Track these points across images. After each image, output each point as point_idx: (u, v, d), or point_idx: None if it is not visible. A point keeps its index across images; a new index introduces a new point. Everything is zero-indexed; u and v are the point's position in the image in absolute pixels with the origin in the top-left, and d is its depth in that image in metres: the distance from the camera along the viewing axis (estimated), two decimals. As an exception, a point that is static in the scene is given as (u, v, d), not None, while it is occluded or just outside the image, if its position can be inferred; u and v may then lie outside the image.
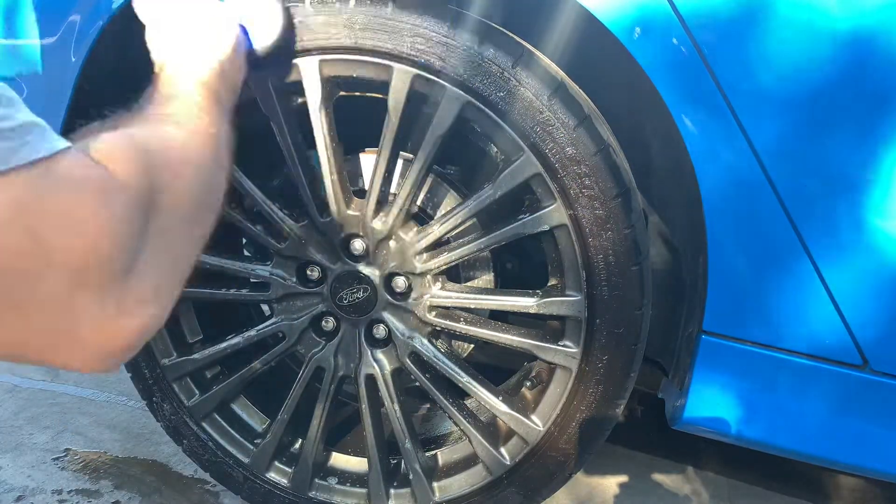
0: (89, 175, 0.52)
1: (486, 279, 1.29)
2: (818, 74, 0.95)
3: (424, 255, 1.16)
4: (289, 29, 1.05)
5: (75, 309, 0.49)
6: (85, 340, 0.51)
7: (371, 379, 1.25)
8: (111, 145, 0.58)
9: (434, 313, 1.19)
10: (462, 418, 1.23)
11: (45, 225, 0.47)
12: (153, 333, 0.58)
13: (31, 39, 1.18)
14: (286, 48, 1.06)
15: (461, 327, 1.19)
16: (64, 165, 0.50)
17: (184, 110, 0.77)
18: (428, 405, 1.49)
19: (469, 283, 1.28)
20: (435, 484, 1.28)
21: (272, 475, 1.34)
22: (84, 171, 0.52)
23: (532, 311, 1.15)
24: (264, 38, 1.00)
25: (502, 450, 1.23)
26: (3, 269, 0.46)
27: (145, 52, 0.89)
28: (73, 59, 1.14)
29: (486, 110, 1.05)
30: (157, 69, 0.86)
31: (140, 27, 0.92)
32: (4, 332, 0.49)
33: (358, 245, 1.17)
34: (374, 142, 1.14)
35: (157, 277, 0.57)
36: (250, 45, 0.99)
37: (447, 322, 1.19)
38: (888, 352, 1.05)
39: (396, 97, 1.07)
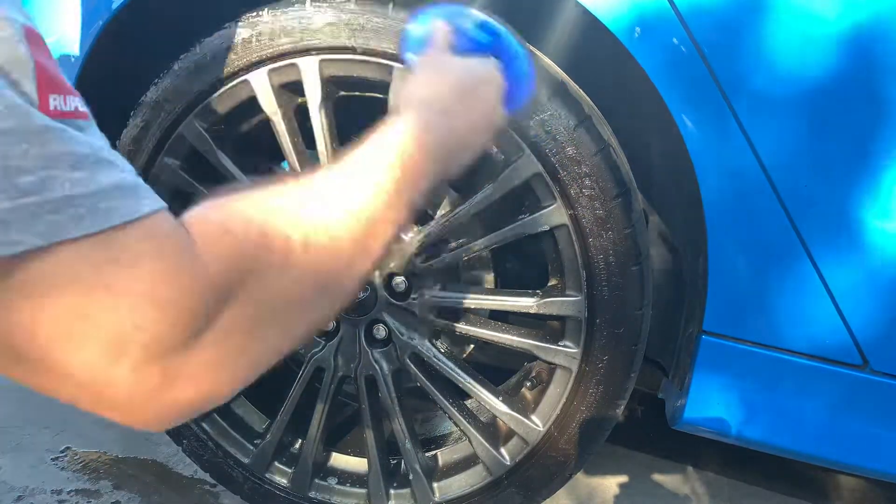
0: (161, 251, 0.45)
1: (486, 279, 1.29)
2: (819, 74, 0.94)
3: (424, 255, 1.16)
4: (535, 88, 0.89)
5: (108, 378, 0.45)
6: (119, 406, 0.47)
7: (371, 379, 1.25)
8: (214, 216, 0.50)
9: (434, 313, 1.19)
10: (462, 419, 1.23)
11: (87, 306, 0.43)
12: (207, 408, 0.52)
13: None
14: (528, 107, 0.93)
15: (461, 327, 1.19)
16: (127, 240, 0.44)
17: (351, 189, 0.60)
18: (428, 406, 1.49)
19: (469, 283, 1.28)
20: (435, 484, 1.28)
21: (272, 475, 1.33)
22: (155, 246, 0.45)
23: (532, 311, 1.14)
24: (515, 102, 0.80)
25: (502, 450, 1.23)
26: (45, 337, 0.43)
27: (145, 52, 0.89)
28: (72, 60, 1.14)
29: (486, 110, 1.05)
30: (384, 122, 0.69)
31: (139, 28, 0.91)
32: (43, 389, 0.46)
33: (358, 245, 1.17)
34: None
35: (220, 358, 0.49)
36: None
37: (447, 322, 1.19)
38: (888, 352, 1.05)
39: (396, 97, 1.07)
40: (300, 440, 1.35)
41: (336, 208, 0.57)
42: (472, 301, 1.18)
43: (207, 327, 0.48)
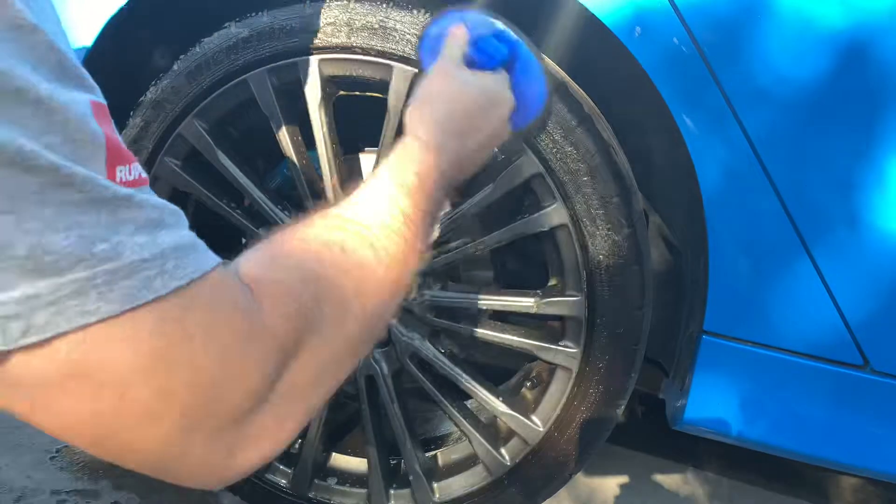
0: (231, 316, 0.46)
1: (486, 279, 1.28)
2: (819, 74, 0.94)
3: (424, 255, 1.16)
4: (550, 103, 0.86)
5: (182, 449, 0.45)
6: (188, 474, 0.48)
7: (371, 379, 1.25)
8: (274, 275, 0.51)
9: (434, 313, 1.19)
10: (462, 419, 1.23)
11: (168, 370, 0.42)
12: (271, 460, 0.53)
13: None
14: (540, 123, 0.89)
15: (461, 327, 1.19)
16: (202, 299, 0.44)
17: (385, 224, 0.60)
18: (428, 406, 1.48)
19: (469, 283, 1.28)
20: (435, 484, 1.28)
21: (272, 476, 1.33)
22: (224, 309, 0.45)
23: (532, 311, 1.14)
24: (525, 117, 0.80)
25: (502, 450, 1.22)
26: (115, 410, 0.42)
27: (144, 52, 0.88)
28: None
29: (487, 110, 1.05)
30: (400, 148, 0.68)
31: (139, 27, 0.91)
32: (106, 457, 0.46)
33: (358, 245, 1.17)
34: (373, 142, 1.14)
35: (284, 417, 0.50)
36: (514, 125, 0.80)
37: (447, 322, 1.19)
38: (888, 352, 1.05)
39: (397, 97, 1.07)
40: (300, 440, 1.35)
41: (376, 249, 0.58)
42: (472, 301, 1.18)
43: (272, 388, 0.48)
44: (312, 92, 1.09)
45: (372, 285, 0.57)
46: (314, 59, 1.08)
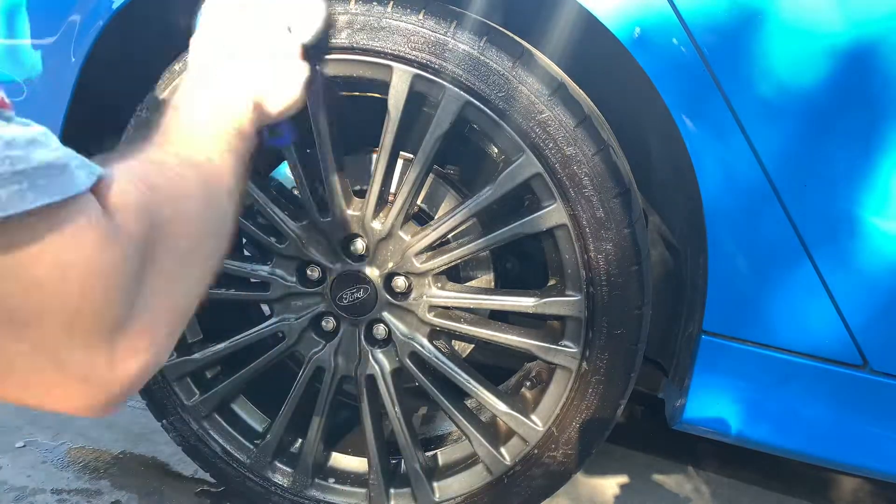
0: (92, 225, 0.49)
1: (486, 279, 1.29)
2: (819, 75, 0.95)
3: (424, 255, 1.16)
4: (326, 25, 1.02)
5: (62, 363, 0.48)
6: (75, 393, 0.50)
7: (371, 379, 1.25)
8: (123, 187, 0.55)
9: (434, 313, 1.19)
10: (462, 418, 1.23)
11: (35, 276, 0.46)
12: (151, 375, 0.56)
13: (29, 39, 1.18)
14: (322, 46, 1.03)
15: (461, 327, 1.19)
16: (67, 213, 0.48)
17: (198, 144, 0.73)
18: (428, 406, 1.49)
19: (469, 283, 1.28)
20: (435, 484, 1.28)
21: (272, 475, 1.34)
22: (88, 220, 0.49)
23: (532, 311, 1.15)
24: (304, 34, 0.94)
25: (502, 450, 1.23)
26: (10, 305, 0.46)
27: (145, 53, 0.88)
28: (73, 60, 1.14)
29: (487, 110, 1.05)
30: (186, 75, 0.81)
31: (140, 28, 0.91)
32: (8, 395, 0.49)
33: (358, 245, 1.17)
34: (374, 142, 1.14)
35: (154, 323, 0.54)
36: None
37: (447, 322, 1.19)
38: (888, 352, 1.05)
39: (397, 97, 1.07)
40: (300, 440, 1.35)
41: (191, 158, 0.70)
42: (472, 301, 1.18)
43: (139, 291, 0.53)
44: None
45: (193, 181, 0.67)
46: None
